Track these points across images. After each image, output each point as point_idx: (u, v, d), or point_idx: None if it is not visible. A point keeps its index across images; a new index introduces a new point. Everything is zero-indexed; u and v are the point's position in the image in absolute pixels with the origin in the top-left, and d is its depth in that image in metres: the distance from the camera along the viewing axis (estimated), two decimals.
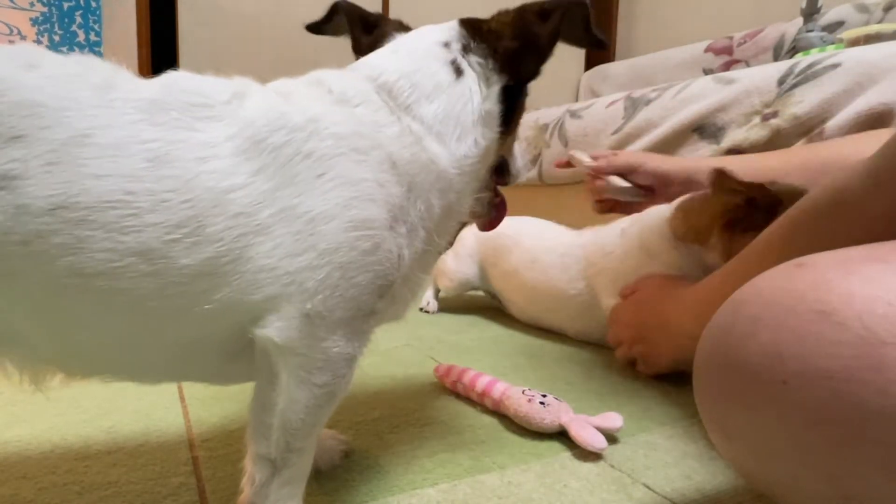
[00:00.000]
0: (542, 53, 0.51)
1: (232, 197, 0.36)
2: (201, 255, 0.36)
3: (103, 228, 0.34)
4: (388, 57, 0.49)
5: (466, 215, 0.53)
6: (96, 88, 0.36)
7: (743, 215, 0.76)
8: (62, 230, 0.33)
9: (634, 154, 1.00)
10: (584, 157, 0.99)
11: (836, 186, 0.44)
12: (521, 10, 0.50)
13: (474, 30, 0.51)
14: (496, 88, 0.50)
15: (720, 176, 0.76)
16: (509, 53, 0.50)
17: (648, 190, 0.95)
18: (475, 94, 0.48)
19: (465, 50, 0.50)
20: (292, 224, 0.37)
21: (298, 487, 0.42)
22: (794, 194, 0.73)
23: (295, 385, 0.39)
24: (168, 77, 0.40)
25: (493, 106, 0.50)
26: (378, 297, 0.41)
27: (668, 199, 0.90)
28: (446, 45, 0.50)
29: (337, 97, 0.43)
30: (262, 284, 0.37)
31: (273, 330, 0.37)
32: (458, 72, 0.48)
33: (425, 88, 0.47)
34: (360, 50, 0.54)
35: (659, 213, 0.89)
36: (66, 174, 0.33)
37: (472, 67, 0.49)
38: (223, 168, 0.37)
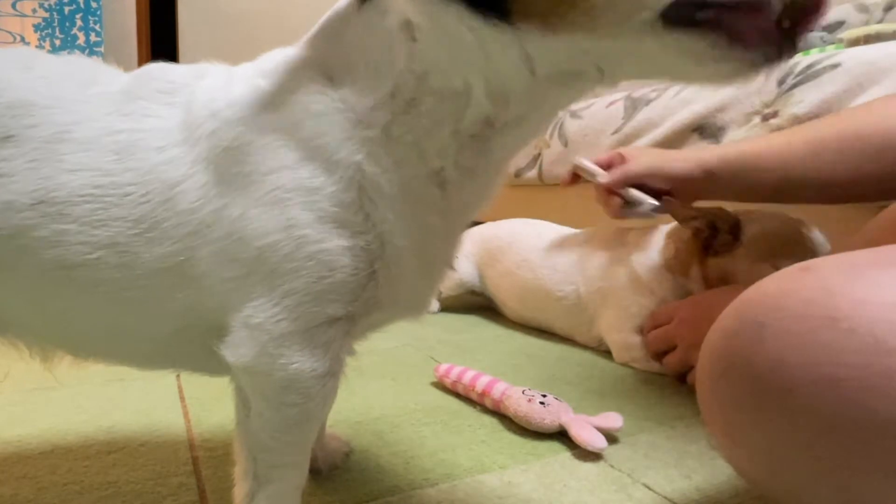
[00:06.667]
0: None
1: (178, 190, 0.34)
2: (159, 251, 0.34)
3: (77, 222, 0.34)
4: None
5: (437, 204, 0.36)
6: (80, 85, 0.37)
7: (710, 239, 0.80)
8: (43, 224, 0.34)
9: (645, 156, 0.88)
10: (590, 166, 0.90)
11: None
12: None
13: None
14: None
15: (671, 207, 0.80)
16: None
17: (667, 194, 0.86)
18: (384, 20, 0.33)
19: None
20: (222, 226, 0.34)
21: (288, 502, 0.39)
22: (750, 214, 0.79)
23: (265, 405, 0.36)
24: (144, 68, 0.39)
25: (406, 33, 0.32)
26: (329, 302, 0.34)
27: (690, 200, 0.85)
28: None
29: (258, 72, 0.37)
30: (212, 292, 0.35)
31: (227, 349, 0.35)
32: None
33: (323, 25, 0.37)
34: None
35: (653, 244, 0.90)
36: (47, 170, 0.34)
37: None
38: (173, 158, 0.34)
